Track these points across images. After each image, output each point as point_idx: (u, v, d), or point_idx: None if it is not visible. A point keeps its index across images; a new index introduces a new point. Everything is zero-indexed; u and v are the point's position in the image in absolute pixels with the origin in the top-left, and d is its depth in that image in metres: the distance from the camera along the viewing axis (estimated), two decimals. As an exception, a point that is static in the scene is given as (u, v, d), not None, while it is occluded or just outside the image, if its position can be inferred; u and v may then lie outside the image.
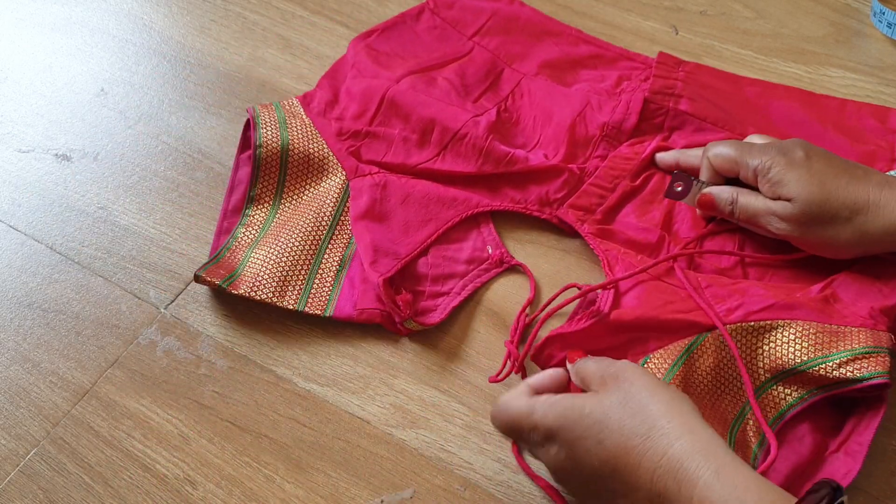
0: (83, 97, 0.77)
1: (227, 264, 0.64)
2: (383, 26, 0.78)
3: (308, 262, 0.63)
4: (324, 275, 0.64)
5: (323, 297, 0.63)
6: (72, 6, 0.84)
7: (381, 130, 0.69)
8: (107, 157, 0.73)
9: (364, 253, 0.63)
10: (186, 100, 0.77)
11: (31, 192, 0.71)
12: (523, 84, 0.74)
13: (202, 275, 0.62)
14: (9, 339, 0.63)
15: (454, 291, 0.64)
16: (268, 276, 0.62)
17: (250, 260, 0.63)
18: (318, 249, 0.64)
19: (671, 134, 0.70)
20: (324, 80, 0.75)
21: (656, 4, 0.82)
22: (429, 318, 0.62)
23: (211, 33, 0.82)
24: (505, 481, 0.56)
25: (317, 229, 0.65)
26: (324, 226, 0.65)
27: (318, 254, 0.64)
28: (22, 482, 0.57)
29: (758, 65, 0.77)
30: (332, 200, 0.66)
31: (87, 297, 0.65)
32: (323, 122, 0.70)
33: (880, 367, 0.53)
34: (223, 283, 0.62)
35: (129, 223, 0.69)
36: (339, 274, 0.64)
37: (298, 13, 0.83)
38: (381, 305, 0.61)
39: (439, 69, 0.74)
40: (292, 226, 0.65)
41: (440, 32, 0.78)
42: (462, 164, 0.68)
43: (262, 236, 0.65)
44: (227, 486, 0.56)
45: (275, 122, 0.68)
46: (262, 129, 0.67)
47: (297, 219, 0.65)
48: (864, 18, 0.80)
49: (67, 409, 0.59)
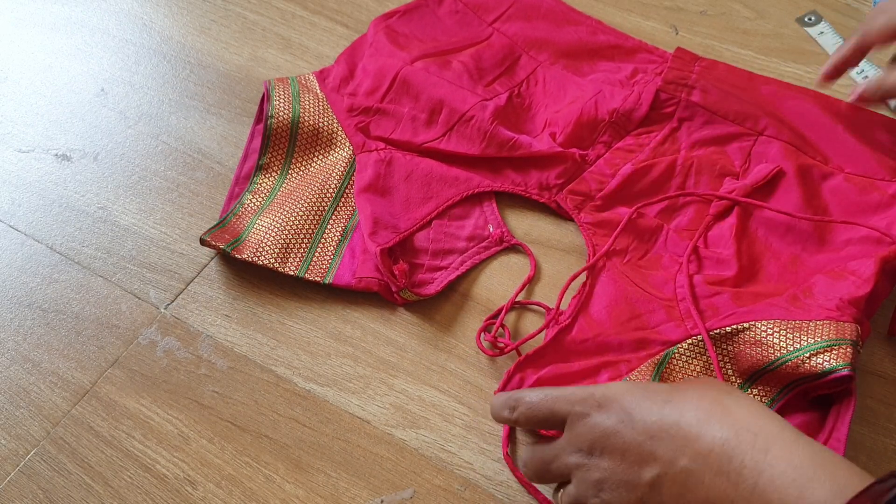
0: (83, 97, 0.77)
1: (232, 229, 0.65)
2: (405, 8, 0.79)
3: (311, 231, 0.65)
4: (326, 244, 0.65)
5: (324, 265, 0.64)
6: (72, 6, 0.84)
7: (391, 108, 0.71)
8: (107, 157, 0.73)
9: (365, 224, 0.65)
10: (186, 100, 0.77)
11: (31, 192, 0.71)
12: (539, 71, 0.74)
13: (207, 238, 0.64)
14: (9, 339, 0.63)
15: (452, 266, 0.65)
16: (271, 243, 0.64)
17: (255, 226, 0.65)
18: (321, 219, 0.66)
19: (681, 125, 0.70)
20: (342, 57, 0.76)
21: (656, 4, 0.82)
22: (425, 289, 0.63)
23: (211, 33, 0.82)
24: (505, 481, 0.56)
25: (321, 200, 0.67)
26: (328, 197, 0.67)
27: (321, 224, 0.66)
28: (22, 482, 0.57)
29: (758, 65, 0.77)
30: (339, 173, 0.68)
31: (87, 297, 0.65)
32: (336, 97, 0.72)
33: (843, 360, 0.53)
34: (227, 246, 0.63)
35: (129, 223, 0.69)
36: (341, 244, 0.65)
37: (298, 13, 0.83)
38: (378, 275, 0.63)
39: (456, 53, 0.75)
40: (298, 195, 0.67)
41: (461, 17, 0.79)
42: (466, 145, 0.69)
43: (269, 204, 0.67)
44: (227, 486, 0.56)
45: (288, 95, 0.70)
46: (274, 101, 0.70)
47: (303, 189, 0.67)
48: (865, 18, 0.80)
49: (67, 409, 0.59)
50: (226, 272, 0.66)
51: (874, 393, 0.59)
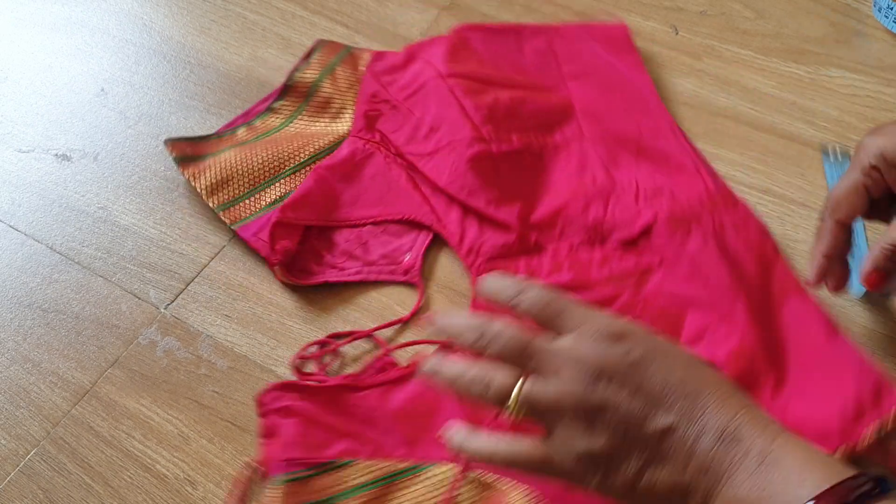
0: (83, 97, 0.77)
1: (201, 148, 0.69)
2: (498, 27, 0.77)
3: (256, 181, 0.67)
4: (259, 198, 0.67)
5: (243, 213, 0.66)
6: (72, 6, 0.84)
7: (405, 109, 0.70)
8: (107, 157, 0.73)
9: (296, 193, 0.66)
10: (186, 100, 0.77)
11: (31, 192, 0.71)
12: (573, 143, 0.69)
13: (172, 142, 0.68)
14: (9, 339, 0.63)
15: (348, 271, 0.64)
16: (216, 172, 0.67)
17: (220, 155, 0.68)
18: (273, 176, 0.68)
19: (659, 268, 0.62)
20: (411, 46, 0.76)
21: (656, 4, 0.82)
22: (301, 277, 0.64)
23: (211, 33, 0.82)
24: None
25: (287, 159, 0.68)
26: (294, 160, 0.69)
27: (270, 180, 0.68)
28: (22, 482, 0.57)
29: (758, 65, 0.77)
30: (320, 145, 0.70)
31: (87, 297, 0.65)
32: (371, 79, 0.73)
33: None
34: (178, 159, 0.68)
35: (129, 223, 0.69)
36: (272, 206, 0.66)
37: (298, 13, 0.83)
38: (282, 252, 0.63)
39: (502, 88, 0.71)
40: (274, 147, 0.69)
41: (541, 59, 0.74)
42: (437, 173, 0.66)
43: (251, 143, 0.69)
44: (227, 485, 0.56)
45: (324, 62, 0.74)
46: (311, 61, 0.74)
47: (282, 143, 0.69)
48: (864, 18, 0.80)
49: (67, 409, 0.59)
50: (226, 272, 0.66)
51: (874, 393, 0.58)
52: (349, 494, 0.53)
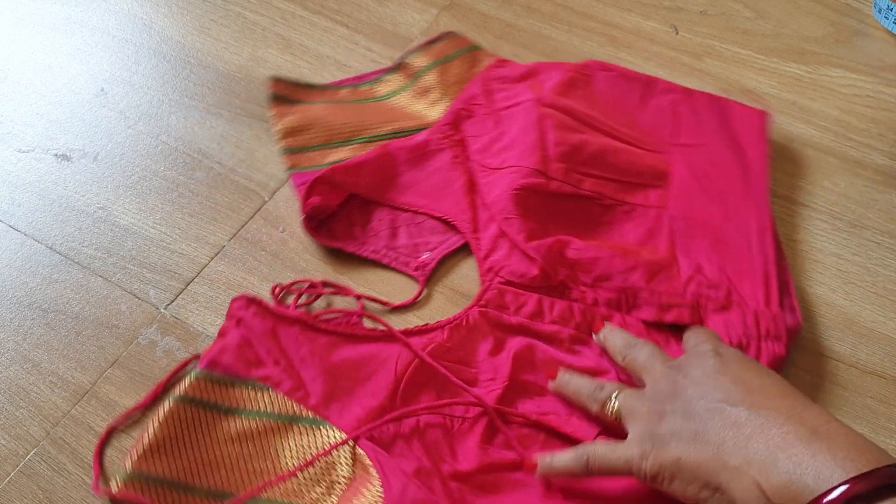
0: (83, 97, 0.77)
1: (302, 94, 0.73)
2: (633, 74, 0.73)
3: (331, 138, 0.70)
4: (326, 154, 0.70)
5: (305, 162, 0.69)
6: (72, 6, 0.84)
7: (494, 119, 0.70)
8: (107, 157, 0.73)
9: (355, 159, 0.68)
10: (186, 100, 0.77)
11: (31, 192, 0.71)
12: (652, 212, 0.65)
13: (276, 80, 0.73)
14: (9, 339, 0.63)
15: (364, 246, 0.66)
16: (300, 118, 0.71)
17: (315, 105, 0.73)
18: (348, 139, 0.71)
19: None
20: (535, 65, 0.74)
21: (656, 4, 0.82)
22: (324, 236, 0.66)
23: (211, 33, 0.82)
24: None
25: (368, 129, 0.71)
26: (376, 131, 0.71)
27: (344, 141, 0.71)
28: (22, 482, 0.57)
29: (758, 65, 0.77)
30: (405, 125, 0.71)
31: (87, 297, 0.65)
32: (478, 84, 0.73)
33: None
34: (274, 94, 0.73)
35: (129, 223, 0.69)
36: (333, 164, 0.68)
37: (298, 13, 0.83)
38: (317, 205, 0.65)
39: (598, 132, 0.68)
40: (362, 113, 0.72)
41: (659, 117, 0.70)
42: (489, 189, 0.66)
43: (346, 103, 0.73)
44: (227, 486, 0.56)
45: (441, 54, 0.75)
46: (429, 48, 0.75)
47: (372, 113, 0.72)
48: (864, 18, 0.80)
49: (67, 409, 0.59)
50: (226, 272, 0.66)
51: (874, 393, 0.59)
52: (248, 414, 0.56)
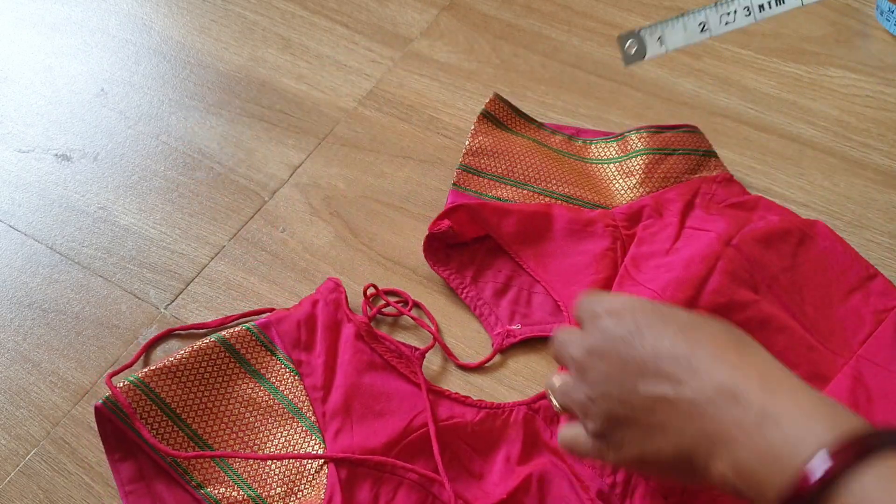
0: (83, 97, 0.77)
1: (513, 122, 0.71)
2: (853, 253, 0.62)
3: (506, 172, 0.67)
4: (492, 185, 0.67)
5: (470, 185, 0.67)
6: (72, 6, 0.84)
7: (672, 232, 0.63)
8: (107, 157, 0.73)
9: (512, 206, 0.64)
10: (186, 100, 0.77)
11: (31, 192, 0.71)
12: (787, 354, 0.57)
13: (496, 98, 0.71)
14: (9, 339, 0.63)
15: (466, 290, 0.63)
16: (492, 142, 0.69)
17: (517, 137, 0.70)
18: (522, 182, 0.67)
19: None
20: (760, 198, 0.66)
21: (656, 4, 0.82)
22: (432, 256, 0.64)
23: (211, 33, 0.82)
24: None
25: (544, 180, 0.67)
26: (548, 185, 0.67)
27: (517, 181, 0.67)
28: (22, 482, 0.57)
29: (758, 65, 0.77)
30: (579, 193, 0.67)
31: (87, 297, 0.65)
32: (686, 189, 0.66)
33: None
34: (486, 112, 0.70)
35: (129, 223, 0.69)
36: (492, 199, 0.66)
37: (298, 13, 0.83)
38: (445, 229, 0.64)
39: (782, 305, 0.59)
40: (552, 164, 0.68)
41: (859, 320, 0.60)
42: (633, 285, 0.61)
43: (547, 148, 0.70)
44: (227, 486, 0.56)
45: (666, 143, 0.68)
46: (660, 132, 0.68)
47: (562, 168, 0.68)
48: (865, 18, 0.80)
49: (67, 409, 0.59)
50: (226, 272, 0.66)
51: (874, 393, 0.59)
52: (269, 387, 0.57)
